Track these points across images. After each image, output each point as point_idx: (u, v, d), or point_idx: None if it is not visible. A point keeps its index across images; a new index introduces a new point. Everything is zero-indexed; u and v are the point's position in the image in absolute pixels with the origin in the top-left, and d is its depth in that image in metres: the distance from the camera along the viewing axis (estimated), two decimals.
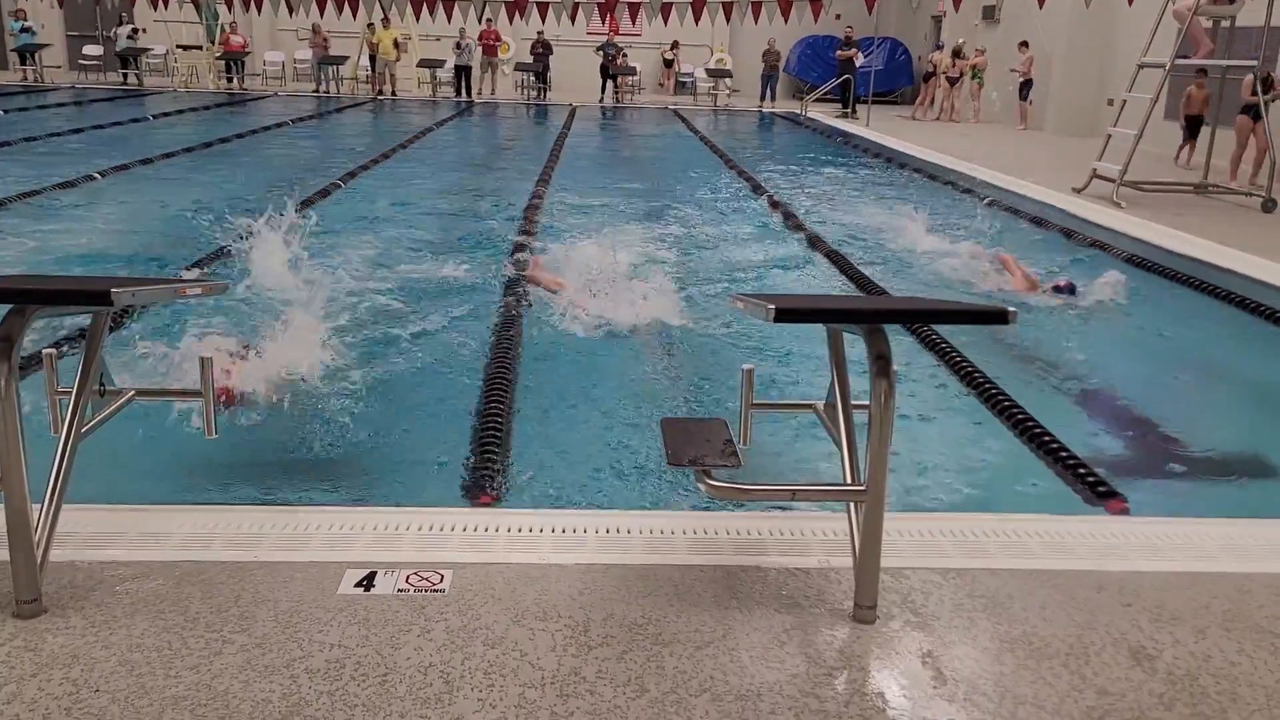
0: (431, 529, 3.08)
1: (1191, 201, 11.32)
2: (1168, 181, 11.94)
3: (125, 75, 25.00)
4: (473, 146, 17.62)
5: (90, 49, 26.28)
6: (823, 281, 7.62)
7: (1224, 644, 2.59)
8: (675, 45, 27.50)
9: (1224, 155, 12.32)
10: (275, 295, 5.98)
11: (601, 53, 25.65)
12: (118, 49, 25.11)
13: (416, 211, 10.04)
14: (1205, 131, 12.33)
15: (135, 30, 25.10)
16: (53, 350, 2.82)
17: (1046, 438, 4.36)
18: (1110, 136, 11.69)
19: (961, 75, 22.81)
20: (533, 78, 25.75)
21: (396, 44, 24.71)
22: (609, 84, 25.85)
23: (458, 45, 24.53)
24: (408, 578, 2.76)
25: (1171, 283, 7.61)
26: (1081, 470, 4.03)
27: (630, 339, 5.84)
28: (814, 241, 8.87)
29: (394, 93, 24.91)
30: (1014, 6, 19.98)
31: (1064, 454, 4.18)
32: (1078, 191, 11.53)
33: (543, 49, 25.36)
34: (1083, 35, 18.66)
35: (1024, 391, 4.98)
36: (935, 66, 24.05)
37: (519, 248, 8.17)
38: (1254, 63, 11.09)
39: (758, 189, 11.99)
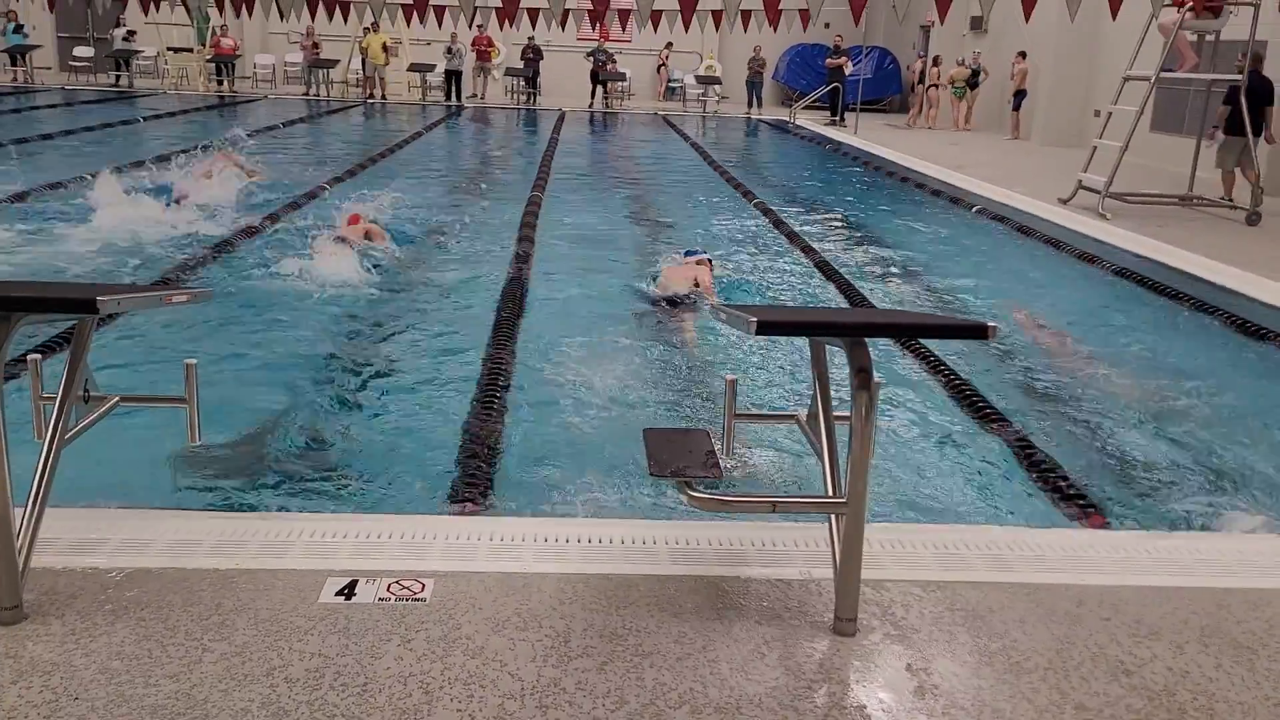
0: (414, 537, 3.09)
1: (1176, 214, 11.39)
2: (1153, 193, 12.03)
3: (118, 77, 24.95)
4: (466, 149, 17.65)
5: (81, 50, 26.25)
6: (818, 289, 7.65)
7: (1201, 659, 2.61)
8: (668, 45, 27.50)
9: (1211, 168, 12.41)
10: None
11: (592, 58, 25.74)
12: (113, 49, 25.06)
13: (407, 214, 10.03)
14: (1190, 144, 12.39)
15: (131, 32, 25.05)
16: (38, 356, 2.82)
17: (1029, 450, 4.39)
18: (1096, 148, 11.77)
19: (940, 84, 23.05)
20: (523, 82, 25.83)
21: (385, 48, 24.76)
22: (599, 89, 25.95)
23: (449, 50, 24.58)
24: (389, 586, 2.77)
25: (1154, 295, 7.66)
26: (1063, 483, 4.06)
27: (618, 348, 5.86)
28: (806, 250, 8.91)
29: (383, 96, 24.96)
30: (1001, 18, 20.07)
31: (1045, 466, 4.21)
32: (1064, 202, 11.60)
33: (533, 54, 25.41)
34: (1069, 47, 18.76)
35: (1003, 403, 5.01)
36: (919, 75, 24.31)
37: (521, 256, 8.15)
38: (1238, 77, 11.16)
39: (747, 195, 12.02)
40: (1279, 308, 7.04)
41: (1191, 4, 10.78)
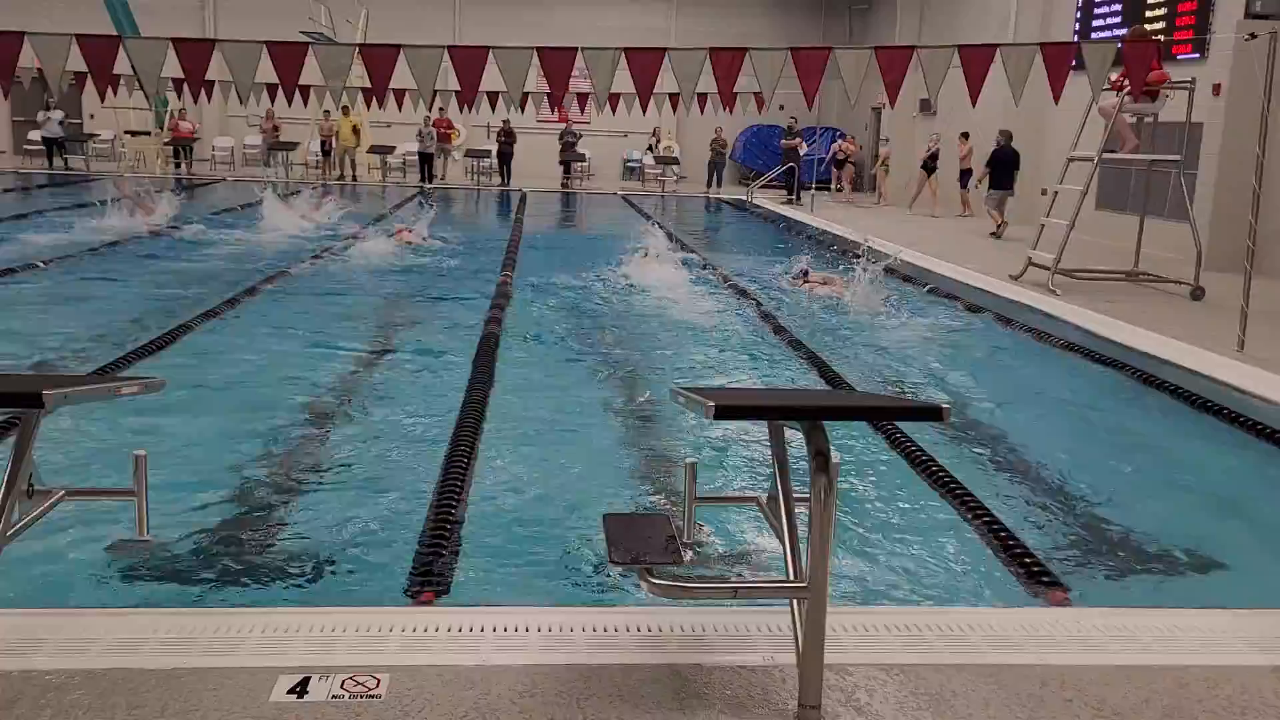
0: (369, 630, 3.02)
1: (1123, 289, 11.66)
2: (1100, 269, 12.32)
3: (65, 160, 24.98)
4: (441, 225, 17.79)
5: (35, 134, 26.21)
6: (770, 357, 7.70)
7: None
8: (655, 130, 27.88)
9: (1154, 244, 12.75)
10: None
11: (562, 139, 26.29)
12: (43, 134, 24.95)
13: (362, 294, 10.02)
14: (1134, 220, 12.75)
15: (66, 118, 25.04)
16: None
17: (993, 525, 4.39)
18: (1044, 226, 12.07)
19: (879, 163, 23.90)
20: (496, 162, 26.14)
21: (356, 131, 25.07)
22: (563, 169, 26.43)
23: (419, 134, 24.97)
24: (343, 683, 2.69)
25: (1104, 368, 7.79)
26: (1026, 560, 4.06)
27: (575, 427, 5.85)
28: (778, 329, 8.99)
29: (355, 177, 25.29)
30: (950, 101, 20.68)
31: (1011, 543, 4.21)
32: (1015, 278, 11.84)
33: (506, 138, 25.73)
34: (1015, 129, 19.32)
35: (958, 478, 5.03)
36: (847, 155, 25.19)
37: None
38: (1177, 157, 11.55)
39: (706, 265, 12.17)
40: (1221, 381, 7.18)
41: (1130, 89, 11.18)
